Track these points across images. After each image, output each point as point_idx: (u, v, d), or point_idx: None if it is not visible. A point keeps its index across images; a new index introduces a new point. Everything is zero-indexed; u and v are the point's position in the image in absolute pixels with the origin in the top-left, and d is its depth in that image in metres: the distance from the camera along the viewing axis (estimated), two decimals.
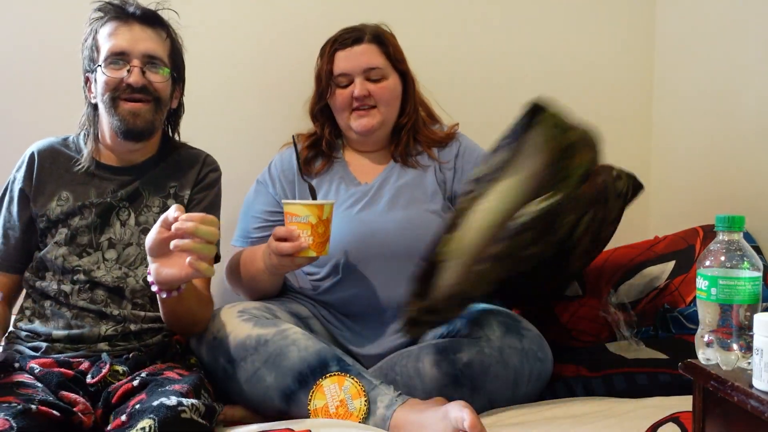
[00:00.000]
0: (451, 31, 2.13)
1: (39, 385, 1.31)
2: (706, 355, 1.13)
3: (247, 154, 2.03)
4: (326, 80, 1.76)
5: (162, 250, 1.33)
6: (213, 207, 1.63)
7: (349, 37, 1.75)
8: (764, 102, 1.76)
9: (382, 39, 1.76)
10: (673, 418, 1.27)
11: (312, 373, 1.43)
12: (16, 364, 1.39)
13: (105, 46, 1.49)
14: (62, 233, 1.50)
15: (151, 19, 1.53)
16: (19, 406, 1.16)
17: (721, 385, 1.06)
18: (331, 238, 1.53)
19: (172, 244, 1.28)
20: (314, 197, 1.56)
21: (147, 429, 1.15)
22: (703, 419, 1.12)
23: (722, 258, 1.12)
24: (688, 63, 2.06)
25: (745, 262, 1.11)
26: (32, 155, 1.56)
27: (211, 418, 1.27)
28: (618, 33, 2.19)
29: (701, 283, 1.13)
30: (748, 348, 1.08)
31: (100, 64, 1.49)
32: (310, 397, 1.42)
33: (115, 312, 1.48)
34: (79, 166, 1.54)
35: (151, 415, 1.17)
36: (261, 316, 1.55)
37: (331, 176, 1.79)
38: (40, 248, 1.53)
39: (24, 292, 1.56)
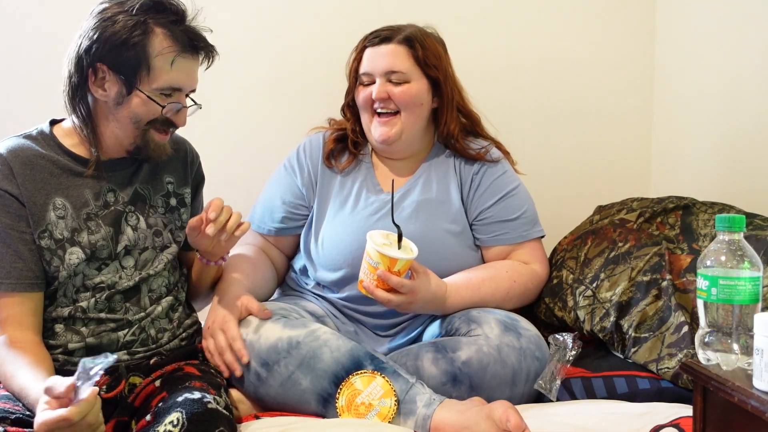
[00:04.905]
0: (450, 30, 2.13)
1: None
2: (707, 356, 1.13)
3: (259, 151, 2.05)
4: (353, 76, 1.74)
5: (201, 242, 1.49)
6: (201, 194, 1.65)
7: (380, 36, 1.70)
8: (765, 99, 1.76)
9: (414, 41, 1.68)
10: (674, 424, 1.27)
11: (347, 374, 1.42)
12: None
13: (164, 74, 1.37)
14: (75, 253, 1.39)
15: (207, 53, 1.45)
16: None
17: (721, 385, 1.06)
18: (345, 246, 1.54)
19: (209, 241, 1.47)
20: (400, 240, 1.49)
21: (175, 422, 1.16)
22: (704, 419, 1.12)
23: (723, 258, 1.11)
24: (688, 61, 2.06)
25: (746, 262, 1.10)
26: (2, 158, 1.37)
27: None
28: (618, 32, 2.19)
29: (701, 283, 1.13)
30: (748, 348, 1.08)
31: (141, 87, 1.37)
32: (337, 395, 1.41)
33: (135, 315, 1.44)
34: (75, 170, 1.41)
35: (179, 409, 1.18)
36: (289, 315, 1.54)
37: (354, 177, 1.75)
38: (47, 270, 1.39)
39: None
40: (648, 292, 1.58)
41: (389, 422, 1.38)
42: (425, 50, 1.69)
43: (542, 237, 1.77)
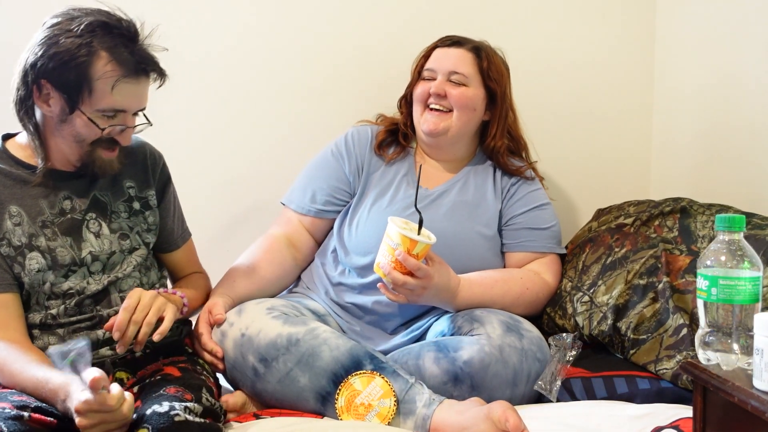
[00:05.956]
0: (448, 31, 2.13)
1: None
2: (707, 356, 1.12)
3: (252, 153, 2.05)
4: (417, 71, 1.81)
5: None
6: (174, 195, 1.62)
7: (452, 39, 1.80)
8: (765, 99, 1.76)
9: (482, 52, 1.78)
10: (674, 426, 1.27)
11: (346, 373, 1.43)
12: None
13: (105, 96, 1.35)
14: (34, 258, 1.39)
15: (156, 73, 1.41)
16: (12, 412, 1.16)
17: (721, 385, 1.05)
18: (377, 232, 1.55)
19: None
20: (420, 228, 1.52)
21: None
22: (704, 419, 1.12)
23: (722, 258, 1.11)
24: (688, 61, 2.06)
25: (746, 262, 1.10)
26: None
27: (215, 418, 1.28)
28: (618, 32, 2.19)
29: (701, 283, 1.12)
30: (748, 348, 1.08)
31: (83, 108, 1.35)
32: (336, 396, 1.41)
33: (108, 312, 1.43)
34: (29, 181, 1.41)
35: (145, 425, 1.19)
36: (290, 313, 1.55)
37: (398, 169, 1.80)
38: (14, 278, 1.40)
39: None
40: (645, 295, 1.58)
41: (389, 423, 1.38)
42: (490, 63, 1.77)
43: (562, 256, 1.83)
